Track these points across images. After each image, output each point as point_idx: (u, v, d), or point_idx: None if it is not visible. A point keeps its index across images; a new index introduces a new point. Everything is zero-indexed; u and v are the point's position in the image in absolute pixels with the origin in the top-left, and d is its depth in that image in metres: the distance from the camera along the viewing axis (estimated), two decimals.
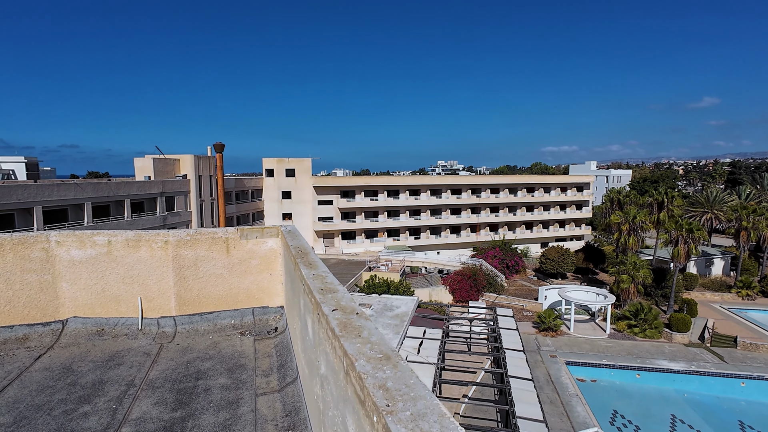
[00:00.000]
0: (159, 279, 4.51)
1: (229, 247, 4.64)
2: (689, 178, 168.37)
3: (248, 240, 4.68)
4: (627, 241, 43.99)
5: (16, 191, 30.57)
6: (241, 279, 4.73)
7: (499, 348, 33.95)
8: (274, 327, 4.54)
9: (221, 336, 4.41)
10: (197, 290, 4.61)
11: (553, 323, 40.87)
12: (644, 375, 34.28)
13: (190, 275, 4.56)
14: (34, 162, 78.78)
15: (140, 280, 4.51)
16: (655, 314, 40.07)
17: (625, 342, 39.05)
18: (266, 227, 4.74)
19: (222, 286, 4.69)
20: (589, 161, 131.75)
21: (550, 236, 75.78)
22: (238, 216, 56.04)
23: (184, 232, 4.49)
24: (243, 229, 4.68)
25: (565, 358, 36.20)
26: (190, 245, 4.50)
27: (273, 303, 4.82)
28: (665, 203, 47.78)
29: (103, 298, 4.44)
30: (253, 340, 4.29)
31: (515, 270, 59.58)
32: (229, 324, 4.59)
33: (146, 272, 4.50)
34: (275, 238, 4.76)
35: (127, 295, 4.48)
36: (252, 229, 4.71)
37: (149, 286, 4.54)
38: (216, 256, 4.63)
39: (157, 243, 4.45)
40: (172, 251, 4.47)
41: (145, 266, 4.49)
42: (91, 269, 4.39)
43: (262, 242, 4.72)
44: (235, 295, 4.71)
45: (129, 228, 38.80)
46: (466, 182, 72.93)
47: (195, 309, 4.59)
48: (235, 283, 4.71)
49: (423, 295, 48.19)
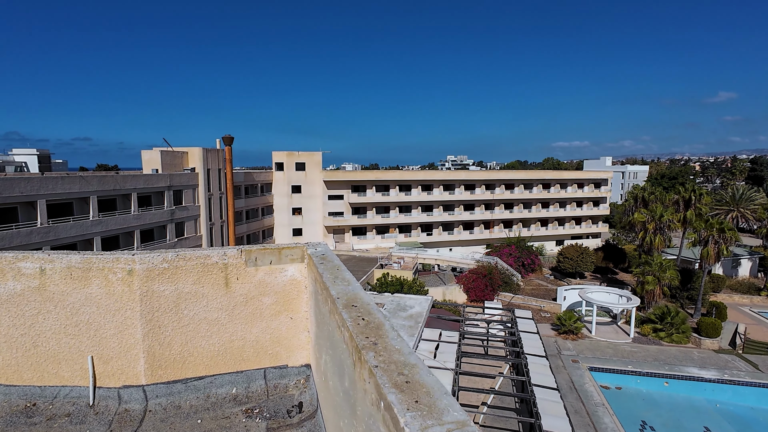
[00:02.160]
0: (120, 328, 2.93)
1: (229, 277, 3.06)
2: (707, 174, 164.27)
3: (258, 267, 3.07)
4: (653, 241, 41.82)
5: (19, 184, 29.39)
6: (248, 326, 3.14)
7: (519, 353, 32.16)
8: (297, 402, 2.95)
9: (216, 418, 2.83)
10: (180, 344, 3.03)
11: (574, 326, 39.00)
12: (673, 383, 32.37)
13: (168, 322, 2.98)
14: (46, 154, 78.59)
15: (91, 330, 2.94)
16: (682, 318, 38.02)
17: (651, 347, 37.08)
18: (285, 247, 3.14)
19: (218, 336, 3.09)
20: (604, 157, 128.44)
21: (566, 234, 73.57)
22: (247, 210, 54.76)
23: (158, 256, 2.89)
24: (250, 251, 3.07)
25: (588, 363, 34.40)
26: (169, 276, 2.92)
27: (295, 360, 3.23)
28: (692, 201, 45.41)
29: (33, 356, 2.88)
30: (265, 427, 2.70)
31: (531, 269, 57.65)
32: (229, 395, 3.02)
33: (100, 317, 2.92)
34: (298, 264, 3.16)
35: (70, 352, 2.92)
36: (264, 249, 3.10)
37: (105, 338, 2.97)
38: (209, 292, 3.04)
39: (116, 273, 2.88)
40: (141, 285, 2.89)
41: (99, 308, 2.91)
42: (15, 313, 2.84)
43: (279, 270, 3.12)
44: (237, 351, 3.12)
45: (136, 223, 37.61)
46: (479, 177, 70.89)
47: (176, 373, 3.00)
48: (238, 332, 3.12)
49: (436, 294, 46.57)
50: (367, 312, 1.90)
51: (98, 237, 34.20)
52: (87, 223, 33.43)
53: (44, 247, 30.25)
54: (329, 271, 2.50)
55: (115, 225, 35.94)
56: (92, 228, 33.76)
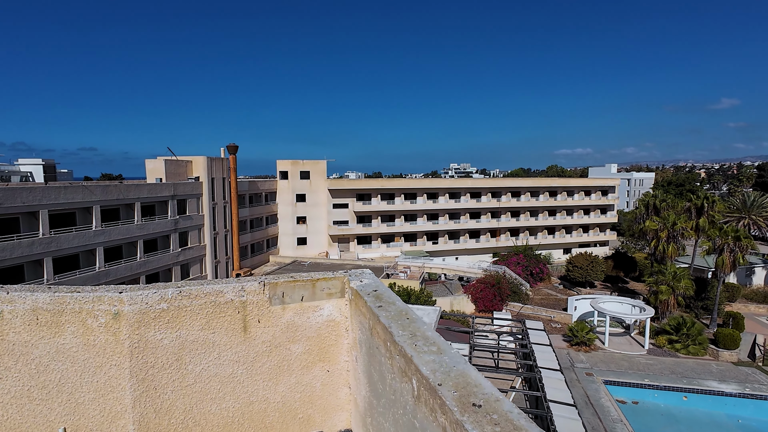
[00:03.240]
0: (103, 390, 2.17)
1: (248, 320, 2.31)
2: (713, 181, 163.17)
3: (286, 305, 2.32)
4: (666, 249, 40.80)
5: (21, 194, 28.86)
6: (272, 382, 2.38)
7: (532, 366, 31.06)
8: None
9: None
10: (182, 410, 2.27)
11: (587, 337, 37.93)
12: (692, 397, 31.21)
13: (167, 381, 2.23)
14: (52, 164, 78.72)
15: (64, 393, 2.19)
16: (699, 329, 36.89)
17: (667, 359, 35.95)
18: (320, 278, 2.39)
19: (233, 398, 2.33)
20: (609, 164, 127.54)
21: (573, 242, 72.56)
22: (251, 219, 54.15)
23: (154, 294, 2.15)
24: (276, 284, 2.32)
25: (603, 376, 33.30)
26: (169, 320, 2.18)
27: (332, 425, 2.47)
28: (705, 208, 44.42)
29: None
30: None
31: (540, 278, 56.62)
32: None
33: (76, 377, 2.18)
34: (337, 300, 2.42)
35: (36, 422, 2.17)
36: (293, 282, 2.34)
37: (83, 404, 2.21)
38: (222, 340, 2.30)
39: (98, 317, 2.14)
40: (131, 333, 2.14)
41: (75, 364, 2.17)
42: None
43: (312, 309, 2.38)
44: (258, 415, 2.35)
45: (139, 233, 36.99)
46: (485, 185, 70.15)
47: None
48: (259, 392, 2.36)
49: (444, 304, 45.62)
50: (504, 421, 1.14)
51: (101, 247, 33.59)
52: (90, 233, 32.84)
53: (46, 258, 29.66)
54: (395, 319, 1.78)
55: (118, 235, 35.34)
56: (95, 238, 33.17)
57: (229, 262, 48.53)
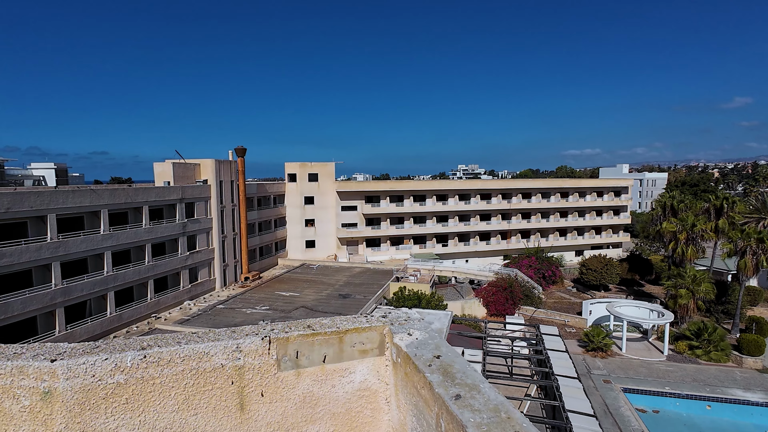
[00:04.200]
0: None
1: (246, 394, 1.55)
2: (728, 181, 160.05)
3: (301, 369, 1.54)
4: (684, 252, 39.49)
5: (29, 198, 28.60)
6: None
7: (549, 374, 29.95)
8: None
9: None
10: None
11: (603, 342, 36.78)
12: (716, 406, 30.01)
13: None
14: (64, 168, 79.18)
15: None
16: (720, 334, 35.62)
17: (688, 366, 34.71)
18: (350, 329, 1.64)
19: None
20: (620, 164, 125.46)
21: (586, 243, 71.16)
22: (260, 222, 53.72)
23: (105, 360, 1.40)
24: (287, 340, 1.55)
25: (621, 384, 32.19)
26: (127, 398, 1.45)
27: None
28: (724, 209, 43.03)
29: None
30: None
31: (552, 281, 55.43)
32: None
33: None
34: (375, 359, 1.66)
35: None
36: (312, 336, 1.57)
37: None
38: (207, 425, 1.55)
39: (18, 397, 1.41)
40: (68, 420, 1.39)
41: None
42: None
43: (339, 373, 1.64)
44: None
45: (148, 237, 36.64)
46: (495, 186, 69.08)
47: None
48: None
49: (455, 308, 44.73)
50: None
51: (109, 251, 33.28)
52: (98, 237, 32.53)
53: (54, 263, 29.37)
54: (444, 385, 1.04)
55: (126, 239, 35.01)
56: (103, 242, 32.86)
57: (237, 265, 48.09)
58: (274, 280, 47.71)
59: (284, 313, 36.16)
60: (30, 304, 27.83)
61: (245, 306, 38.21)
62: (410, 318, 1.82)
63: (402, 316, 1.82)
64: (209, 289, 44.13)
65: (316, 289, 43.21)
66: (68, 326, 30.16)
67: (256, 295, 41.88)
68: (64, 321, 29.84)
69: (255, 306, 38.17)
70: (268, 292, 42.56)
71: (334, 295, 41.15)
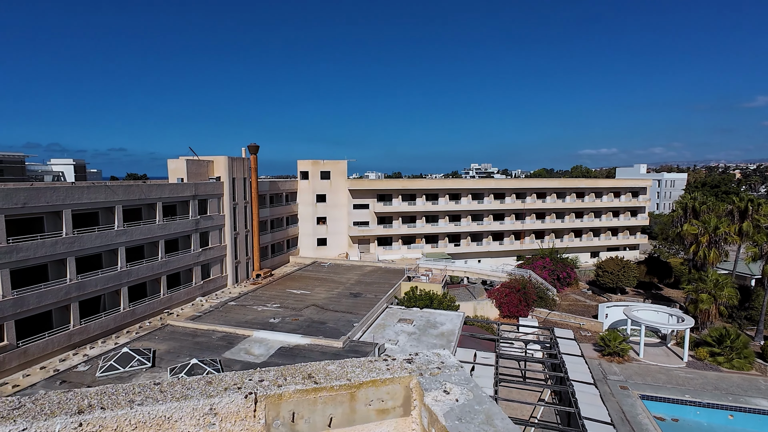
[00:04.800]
0: None
1: None
2: (750, 182, 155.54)
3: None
4: (706, 255, 38.26)
5: (45, 194, 28.90)
6: None
7: (564, 379, 29.16)
8: None
9: None
10: None
11: (620, 347, 35.85)
12: (738, 416, 28.98)
13: None
14: (82, 164, 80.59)
15: None
16: (744, 341, 34.42)
17: (709, 373, 33.64)
18: (364, 383, 1.11)
19: None
20: (638, 164, 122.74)
21: (602, 245, 69.80)
22: (272, 219, 53.79)
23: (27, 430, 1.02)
24: (278, 398, 0.97)
25: (639, 390, 31.31)
26: None
27: None
28: (749, 211, 41.56)
29: None
30: None
31: (567, 282, 54.43)
32: None
33: None
34: (397, 421, 1.11)
35: None
36: (312, 391, 1.01)
37: None
38: None
39: None
40: None
41: None
42: None
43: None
44: None
45: (161, 233, 36.87)
46: (509, 186, 68.10)
47: None
48: None
49: (467, 309, 44.17)
50: None
51: (123, 247, 33.54)
52: (112, 233, 32.79)
53: (69, 258, 29.67)
54: None
55: (140, 235, 35.25)
56: (117, 238, 33.12)
57: (249, 262, 48.20)
58: (286, 277, 47.69)
59: (295, 311, 36.04)
60: (45, 299, 28.14)
61: (256, 303, 38.21)
62: (445, 364, 1.33)
63: (434, 361, 1.35)
64: (221, 286, 44.30)
65: (327, 288, 43.04)
66: (83, 320, 30.47)
67: (268, 292, 41.87)
68: (78, 315, 30.14)
69: (266, 303, 38.14)
70: (279, 290, 42.54)
71: (345, 294, 40.92)
